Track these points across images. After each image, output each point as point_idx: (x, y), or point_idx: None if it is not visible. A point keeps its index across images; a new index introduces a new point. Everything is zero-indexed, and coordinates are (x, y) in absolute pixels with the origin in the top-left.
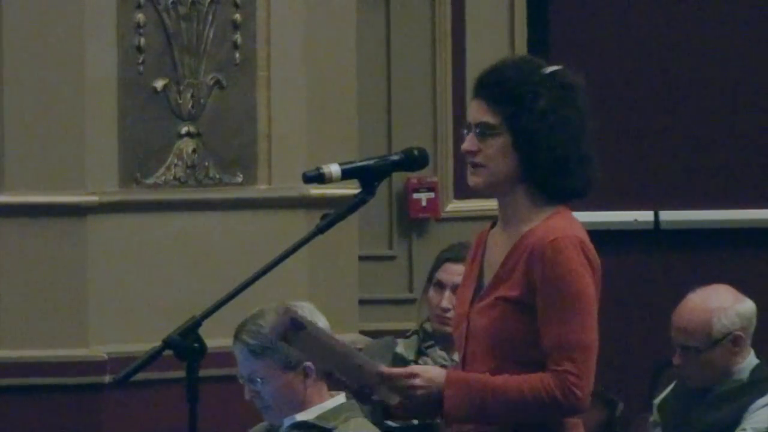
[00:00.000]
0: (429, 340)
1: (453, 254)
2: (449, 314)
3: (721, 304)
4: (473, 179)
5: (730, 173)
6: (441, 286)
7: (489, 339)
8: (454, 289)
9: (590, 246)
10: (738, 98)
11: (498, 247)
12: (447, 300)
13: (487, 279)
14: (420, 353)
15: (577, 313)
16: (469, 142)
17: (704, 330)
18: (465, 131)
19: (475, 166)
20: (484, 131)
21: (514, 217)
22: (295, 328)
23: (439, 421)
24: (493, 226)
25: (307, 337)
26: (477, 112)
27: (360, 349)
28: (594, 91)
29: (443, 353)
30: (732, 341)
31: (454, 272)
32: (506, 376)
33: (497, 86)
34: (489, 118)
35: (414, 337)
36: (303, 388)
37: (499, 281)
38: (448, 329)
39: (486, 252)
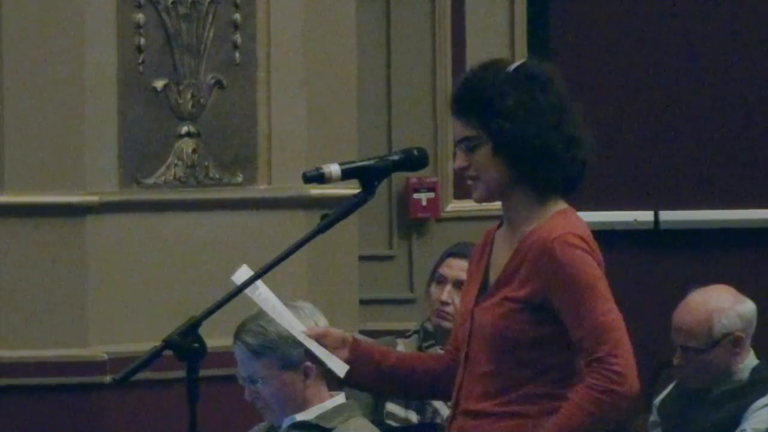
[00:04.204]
0: (429, 339)
1: (456, 250)
2: (448, 308)
3: (721, 305)
4: (474, 194)
5: (730, 173)
6: (442, 280)
7: (492, 336)
8: (456, 283)
9: (592, 241)
10: (738, 98)
11: (503, 247)
12: (447, 294)
13: (493, 278)
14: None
15: (596, 300)
16: (458, 160)
17: (704, 330)
18: (456, 150)
19: (471, 179)
20: (468, 145)
21: (517, 219)
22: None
23: None
24: (500, 225)
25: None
26: (456, 129)
27: None
28: (594, 92)
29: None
30: (732, 342)
31: (456, 267)
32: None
33: (465, 99)
34: (467, 132)
35: (414, 337)
36: (303, 388)
37: (504, 281)
38: (447, 324)
39: (493, 251)
